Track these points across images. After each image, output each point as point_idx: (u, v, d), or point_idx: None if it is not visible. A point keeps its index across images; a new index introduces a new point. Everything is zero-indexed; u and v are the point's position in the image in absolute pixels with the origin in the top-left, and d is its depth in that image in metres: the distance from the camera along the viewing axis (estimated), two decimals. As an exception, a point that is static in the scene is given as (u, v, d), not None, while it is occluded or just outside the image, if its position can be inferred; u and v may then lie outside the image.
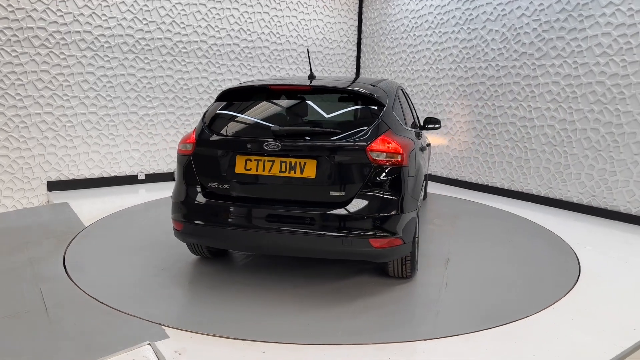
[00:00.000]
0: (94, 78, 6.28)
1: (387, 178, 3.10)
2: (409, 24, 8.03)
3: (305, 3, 8.21)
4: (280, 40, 8.01)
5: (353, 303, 3.19)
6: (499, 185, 6.85)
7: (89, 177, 6.44)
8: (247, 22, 7.56)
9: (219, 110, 3.52)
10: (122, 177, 6.71)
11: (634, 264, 4.11)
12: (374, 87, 3.58)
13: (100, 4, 6.19)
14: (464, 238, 4.70)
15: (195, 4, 6.99)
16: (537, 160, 6.33)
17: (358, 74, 9.25)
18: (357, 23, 9.04)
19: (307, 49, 4.10)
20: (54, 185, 6.14)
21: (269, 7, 7.77)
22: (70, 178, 6.28)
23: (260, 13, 7.69)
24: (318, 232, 3.04)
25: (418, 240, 3.66)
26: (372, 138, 3.12)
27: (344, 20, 8.85)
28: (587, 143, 5.76)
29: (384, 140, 3.14)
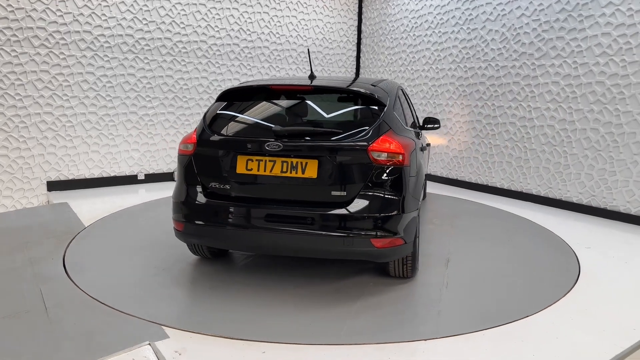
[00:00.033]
0: (94, 78, 6.28)
1: (388, 178, 3.11)
2: (409, 24, 8.03)
3: (305, 3, 8.21)
4: (280, 40, 8.01)
5: (354, 303, 3.19)
6: (499, 185, 6.85)
7: (89, 177, 6.44)
8: (246, 22, 7.56)
9: (220, 110, 3.51)
10: (121, 177, 6.71)
11: (634, 264, 4.11)
12: (375, 87, 3.58)
13: (100, 4, 6.19)
14: (464, 238, 4.70)
15: (195, 4, 6.99)
16: (536, 160, 6.33)
17: (358, 74, 9.25)
18: (356, 23, 9.04)
19: (307, 49, 4.11)
20: (54, 185, 6.14)
21: (269, 7, 7.77)
22: (70, 178, 6.28)
23: (260, 13, 7.69)
24: (320, 232, 3.04)
25: (418, 240, 3.66)
26: (373, 138, 3.12)
27: (344, 20, 8.85)
28: (586, 143, 5.76)
29: (385, 140, 3.14)
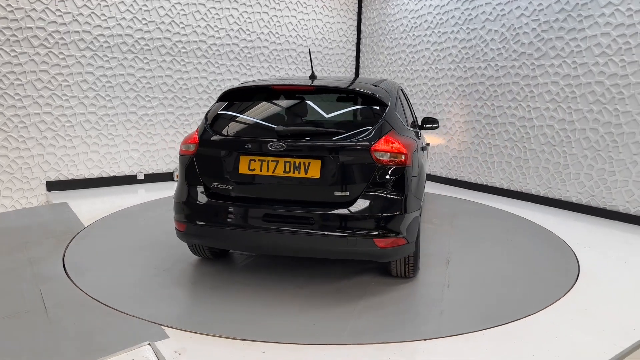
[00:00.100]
0: (93, 78, 6.28)
1: (391, 178, 3.11)
2: (408, 24, 8.03)
3: (305, 3, 8.21)
4: (280, 40, 8.01)
5: (356, 303, 3.19)
6: (498, 185, 6.86)
7: (88, 177, 6.43)
8: (246, 22, 7.56)
9: (222, 111, 3.50)
10: (121, 177, 6.70)
11: (634, 264, 4.11)
12: (376, 87, 3.59)
13: (100, 4, 6.18)
14: (464, 238, 4.70)
15: (195, 4, 6.99)
16: (536, 160, 6.33)
17: (357, 74, 9.25)
18: (356, 23, 9.04)
19: (309, 50, 4.10)
20: (53, 185, 6.14)
21: (269, 7, 7.77)
22: (70, 178, 6.28)
23: (260, 13, 7.69)
24: (323, 232, 3.04)
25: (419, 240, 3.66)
26: (376, 138, 3.13)
27: (343, 20, 8.85)
28: (586, 143, 5.76)
29: (388, 140, 3.14)
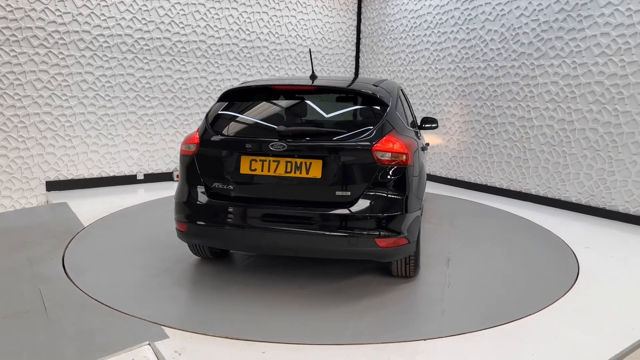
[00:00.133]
0: (93, 78, 6.28)
1: (392, 178, 3.11)
2: (408, 24, 8.03)
3: (304, 3, 8.21)
4: (279, 40, 8.01)
5: (357, 303, 3.19)
6: (498, 185, 6.86)
7: (88, 177, 6.43)
8: (246, 22, 7.55)
9: (223, 111, 3.50)
10: (121, 177, 6.70)
11: (633, 264, 4.12)
12: (377, 87, 3.59)
13: (99, 4, 6.18)
14: (464, 237, 4.71)
15: (194, 4, 6.98)
16: (535, 160, 6.34)
17: (357, 74, 9.26)
18: (356, 23, 9.04)
19: (309, 50, 4.10)
20: (53, 185, 6.14)
21: (268, 7, 7.77)
22: (69, 178, 6.27)
23: (259, 13, 7.69)
24: (324, 232, 3.04)
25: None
26: (377, 138, 3.13)
27: (343, 20, 8.85)
28: (585, 143, 5.77)
29: (389, 140, 3.14)
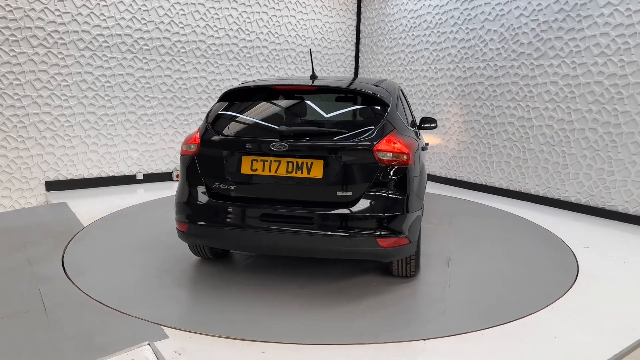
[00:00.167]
0: (92, 78, 6.27)
1: (393, 178, 3.11)
2: (408, 24, 8.03)
3: (304, 3, 8.21)
4: (279, 40, 8.00)
5: (358, 303, 3.19)
6: (497, 185, 6.86)
7: (87, 177, 6.43)
8: (245, 21, 7.55)
9: (223, 111, 3.49)
10: (120, 177, 6.70)
11: (633, 264, 4.12)
12: (378, 87, 3.59)
13: (99, 4, 6.18)
14: (464, 237, 4.71)
15: (194, 4, 6.98)
16: (535, 160, 6.34)
17: (357, 74, 9.26)
18: (355, 23, 9.04)
19: (309, 50, 4.10)
20: (52, 185, 6.13)
21: (268, 6, 7.77)
22: (69, 178, 6.27)
23: (259, 13, 7.69)
24: (326, 232, 3.04)
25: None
26: (378, 138, 3.13)
27: (343, 20, 8.85)
28: (585, 143, 5.77)
29: (390, 140, 3.14)
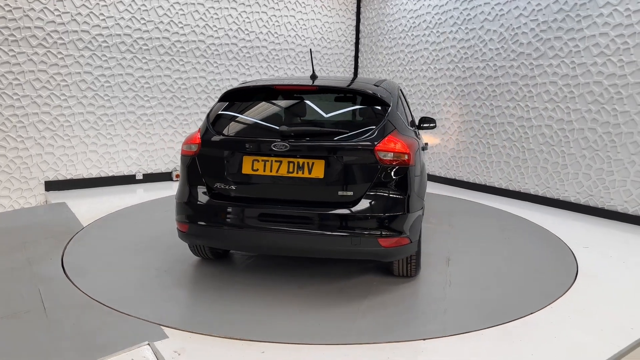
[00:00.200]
0: (92, 78, 6.27)
1: (394, 178, 3.12)
2: (407, 24, 8.03)
3: (304, 3, 8.21)
4: (279, 40, 8.00)
5: (357, 303, 3.19)
6: (497, 185, 6.87)
7: (87, 177, 6.42)
8: (245, 21, 7.55)
9: (224, 111, 3.49)
10: (119, 176, 6.70)
11: (632, 264, 4.12)
12: (378, 87, 3.59)
13: (98, 4, 6.17)
14: (463, 237, 4.71)
15: (194, 4, 6.98)
16: (534, 160, 6.34)
17: (356, 74, 9.26)
18: (355, 23, 9.05)
19: (310, 50, 4.11)
20: (52, 185, 6.13)
21: (267, 6, 7.76)
22: (68, 178, 6.27)
23: (259, 13, 7.69)
24: (327, 232, 3.04)
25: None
26: (379, 138, 3.13)
27: (342, 20, 8.85)
28: (584, 143, 5.78)
29: (391, 140, 3.14)
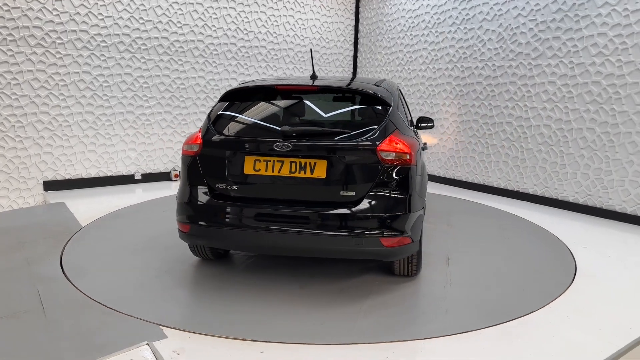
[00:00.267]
0: (91, 77, 6.26)
1: (396, 177, 3.12)
2: (406, 24, 8.04)
3: (303, 2, 8.20)
4: (277, 40, 8.00)
5: (359, 302, 3.19)
6: (496, 185, 6.88)
7: (86, 176, 6.41)
8: (244, 21, 7.55)
9: (225, 111, 3.48)
10: (118, 176, 6.69)
11: (630, 263, 4.13)
12: (379, 87, 3.59)
13: (97, 3, 6.16)
14: (462, 237, 4.72)
15: (192, 3, 6.97)
16: (533, 160, 6.35)
17: (355, 74, 9.26)
18: (354, 22, 9.05)
19: (310, 50, 4.11)
20: (50, 185, 6.12)
21: (266, 6, 7.76)
22: (67, 178, 6.26)
23: (257, 12, 7.68)
24: (329, 232, 3.04)
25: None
26: (381, 138, 3.13)
27: (341, 20, 8.85)
28: (583, 143, 5.79)
29: (393, 140, 3.15)
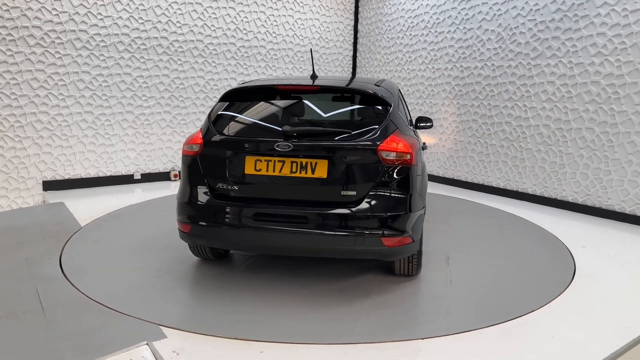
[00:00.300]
0: (90, 77, 6.26)
1: (397, 177, 3.12)
2: (405, 24, 8.04)
3: (302, 2, 8.20)
4: (277, 40, 8.00)
5: (360, 302, 3.19)
6: (495, 185, 6.88)
7: (85, 176, 6.41)
8: (243, 21, 7.55)
9: (225, 111, 3.48)
10: (118, 176, 6.69)
11: (629, 263, 4.14)
12: (379, 87, 3.60)
13: (96, 3, 6.16)
14: (462, 237, 4.72)
15: (192, 3, 6.97)
16: (532, 160, 6.36)
17: (354, 74, 9.26)
18: (353, 22, 9.05)
19: (310, 50, 4.11)
20: (50, 185, 6.12)
21: (265, 6, 7.76)
22: (66, 178, 6.26)
23: (257, 12, 7.68)
24: (330, 232, 3.05)
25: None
26: (382, 138, 3.13)
27: (340, 20, 8.85)
28: (582, 142, 5.79)
29: (393, 140, 3.15)
